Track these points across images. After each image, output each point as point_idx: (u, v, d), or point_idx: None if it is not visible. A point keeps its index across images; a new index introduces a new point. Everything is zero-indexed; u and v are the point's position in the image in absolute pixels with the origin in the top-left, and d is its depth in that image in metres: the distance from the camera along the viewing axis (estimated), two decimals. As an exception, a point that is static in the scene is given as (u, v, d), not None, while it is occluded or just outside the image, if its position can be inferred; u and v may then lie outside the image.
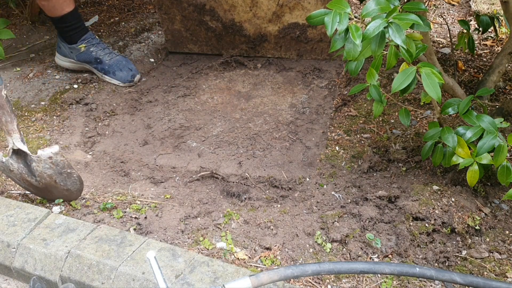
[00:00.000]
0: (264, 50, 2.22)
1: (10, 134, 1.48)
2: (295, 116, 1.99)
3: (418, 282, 1.31)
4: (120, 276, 1.29)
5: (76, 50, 2.21)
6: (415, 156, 1.67)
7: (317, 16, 1.22)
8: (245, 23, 2.11)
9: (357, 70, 1.34)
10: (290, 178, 1.68)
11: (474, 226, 1.42)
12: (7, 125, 1.48)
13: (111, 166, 1.77)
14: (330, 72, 2.22)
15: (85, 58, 2.22)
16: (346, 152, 1.76)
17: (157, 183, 1.69)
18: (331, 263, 1.10)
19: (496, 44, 2.33)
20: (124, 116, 2.04)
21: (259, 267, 1.36)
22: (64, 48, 2.23)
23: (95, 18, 2.74)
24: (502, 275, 1.33)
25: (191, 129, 1.94)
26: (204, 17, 2.09)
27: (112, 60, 2.21)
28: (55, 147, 1.46)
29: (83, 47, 2.20)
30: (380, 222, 1.46)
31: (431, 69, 1.22)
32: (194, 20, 2.13)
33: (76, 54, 2.22)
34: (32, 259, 1.37)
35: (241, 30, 2.13)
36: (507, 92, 1.98)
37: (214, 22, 2.10)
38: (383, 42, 1.17)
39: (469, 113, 1.39)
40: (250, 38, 2.16)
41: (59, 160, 1.47)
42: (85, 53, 2.21)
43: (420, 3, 1.21)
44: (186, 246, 1.42)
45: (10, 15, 2.75)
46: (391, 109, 1.93)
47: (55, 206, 1.57)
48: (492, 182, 1.57)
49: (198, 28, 2.14)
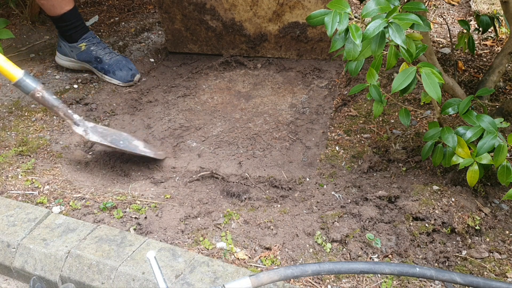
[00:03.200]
0: (264, 50, 2.22)
1: (76, 124, 1.56)
2: (295, 116, 1.99)
3: (418, 282, 1.31)
4: (120, 276, 1.29)
5: (76, 49, 2.21)
6: (415, 156, 1.67)
7: (317, 16, 1.22)
8: (245, 23, 2.10)
9: (357, 70, 1.34)
10: (290, 178, 1.68)
11: (474, 226, 1.42)
12: (65, 118, 1.56)
13: (111, 166, 1.77)
14: (330, 72, 2.22)
15: (85, 57, 2.22)
16: (346, 152, 1.76)
17: (157, 183, 1.69)
18: (331, 263, 1.10)
19: (496, 44, 2.33)
20: (124, 116, 2.04)
21: (259, 267, 1.36)
22: (64, 47, 2.24)
23: (95, 18, 2.74)
24: (502, 275, 1.33)
25: (191, 129, 1.94)
26: (205, 16, 2.09)
27: (112, 60, 2.21)
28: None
29: (84, 46, 2.20)
30: (380, 222, 1.46)
31: (431, 69, 1.22)
32: (194, 19, 2.12)
33: (77, 53, 2.22)
34: (32, 259, 1.37)
35: (242, 30, 2.12)
36: (507, 92, 1.98)
37: (215, 22, 2.09)
38: (383, 42, 1.17)
39: (469, 113, 1.39)
40: (250, 37, 2.16)
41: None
42: (85, 52, 2.21)
43: (420, 3, 1.21)
44: (186, 246, 1.42)
45: (10, 15, 2.75)
46: (391, 109, 1.93)
47: (55, 206, 1.57)
48: (492, 182, 1.57)
49: (198, 28, 2.14)
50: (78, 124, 1.55)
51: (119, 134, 1.68)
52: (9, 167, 1.74)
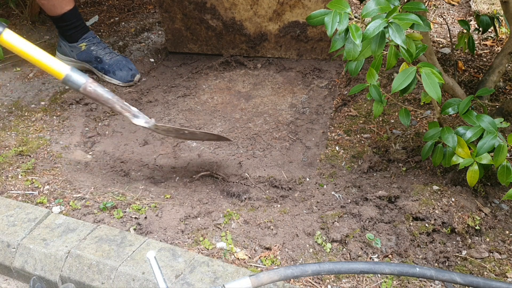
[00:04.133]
0: (264, 49, 2.22)
1: (135, 116, 1.48)
2: (295, 116, 1.99)
3: (418, 282, 1.31)
4: (120, 276, 1.29)
5: (76, 48, 2.21)
6: (415, 156, 1.67)
7: (317, 16, 1.22)
8: (245, 22, 2.10)
9: (357, 70, 1.34)
10: (290, 178, 1.68)
11: (474, 226, 1.42)
12: (122, 111, 1.46)
13: (111, 166, 1.77)
14: (330, 72, 2.22)
15: (85, 57, 2.22)
16: (346, 152, 1.76)
17: (157, 183, 1.69)
18: (331, 263, 1.10)
19: (496, 44, 2.33)
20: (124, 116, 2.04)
21: (259, 267, 1.36)
22: (64, 47, 2.24)
23: (95, 18, 2.74)
24: (502, 275, 1.33)
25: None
26: (205, 16, 2.09)
27: (112, 60, 2.21)
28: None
29: (84, 46, 2.20)
30: (380, 222, 1.46)
31: (431, 69, 1.22)
32: (194, 18, 2.12)
33: (77, 53, 2.22)
34: (32, 259, 1.37)
35: (242, 29, 2.12)
36: (507, 92, 1.98)
37: (215, 21, 2.09)
38: (383, 42, 1.17)
39: (469, 113, 1.39)
40: (250, 37, 2.16)
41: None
42: (86, 52, 2.21)
43: (420, 3, 1.21)
44: (186, 246, 1.42)
45: (10, 15, 2.75)
46: (391, 109, 1.93)
47: (55, 206, 1.57)
48: (492, 182, 1.57)
49: (198, 27, 2.13)
50: (137, 116, 1.46)
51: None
52: (9, 167, 1.74)
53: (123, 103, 1.46)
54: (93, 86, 1.41)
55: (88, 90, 1.41)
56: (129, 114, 1.46)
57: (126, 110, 1.46)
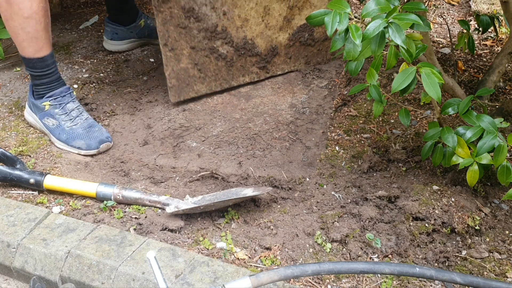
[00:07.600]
0: (275, 66, 2.15)
1: (165, 205, 1.54)
2: (295, 116, 1.99)
3: (418, 282, 1.31)
4: (120, 276, 1.29)
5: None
6: (415, 156, 1.68)
7: (317, 16, 1.22)
8: (257, 38, 2.06)
9: (357, 70, 1.34)
10: (290, 178, 1.68)
11: (474, 226, 1.42)
12: (153, 205, 1.56)
13: (111, 166, 1.77)
14: (330, 72, 2.22)
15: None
16: (346, 152, 1.76)
17: (157, 183, 1.69)
18: (331, 263, 1.10)
19: (496, 44, 2.34)
20: (124, 116, 2.04)
21: (259, 267, 1.36)
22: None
23: (95, 18, 2.74)
24: (502, 275, 1.33)
25: (191, 129, 1.95)
26: (215, 43, 1.99)
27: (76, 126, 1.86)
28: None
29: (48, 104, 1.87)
30: (380, 222, 1.46)
31: (431, 69, 1.22)
32: (203, 50, 2.00)
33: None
34: (32, 259, 1.37)
35: (253, 48, 2.07)
36: (507, 92, 1.98)
37: (226, 46, 2.01)
38: (383, 42, 1.17)
39: (469, 113, 1.39)
40: (261, 55, 2.09)
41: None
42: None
43: (420, 3, 1.21)
44: (186, 246, 1.42)
45: None
46: (391, 109, 1.94)
47: (55, 206, 1.57)
48: (492, 182, 1.57)
49: (207, 60, 2.01)
50: (168, 204, 1.52)
51: (226, 192, 1.56)
52: (9, 167, 1.74)
53: (151, 197, 1.55)
54: (120, 194, 1.55)
55: (118, 198, 1.56)
56: (160, 205, 1.54)
57: (155, 202, 1.54)
